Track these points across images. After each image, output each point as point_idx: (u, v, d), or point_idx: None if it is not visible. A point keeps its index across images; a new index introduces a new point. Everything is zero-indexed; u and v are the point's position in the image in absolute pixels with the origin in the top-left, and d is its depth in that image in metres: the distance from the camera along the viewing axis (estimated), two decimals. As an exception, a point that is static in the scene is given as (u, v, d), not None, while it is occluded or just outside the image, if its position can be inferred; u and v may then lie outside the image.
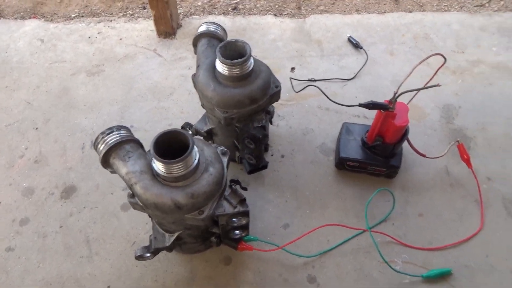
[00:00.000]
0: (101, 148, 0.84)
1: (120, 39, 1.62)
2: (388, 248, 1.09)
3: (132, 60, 1.54)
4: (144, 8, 1.78)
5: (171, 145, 0.83)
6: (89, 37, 1.63)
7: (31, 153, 1.28)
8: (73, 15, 1.76)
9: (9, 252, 1.09)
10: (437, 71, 1.03)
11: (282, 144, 1.30)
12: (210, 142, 1.20)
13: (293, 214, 1.15)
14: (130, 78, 1.48)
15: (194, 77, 1.04)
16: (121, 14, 1.76)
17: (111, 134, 0.85)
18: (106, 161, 0.85)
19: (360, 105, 1.06)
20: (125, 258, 1.08)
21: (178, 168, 0.79)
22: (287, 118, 1.36)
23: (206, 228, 0.97)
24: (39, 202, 1.18)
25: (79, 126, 1.35)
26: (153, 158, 0.79)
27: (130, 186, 0.83)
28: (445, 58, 0.99)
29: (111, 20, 1.70)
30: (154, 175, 0.83)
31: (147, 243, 0.97)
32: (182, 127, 1.16)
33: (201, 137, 1.17)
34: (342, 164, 1.21)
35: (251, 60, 0.98)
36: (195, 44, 1.10)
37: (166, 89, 1.45)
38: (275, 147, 1.29)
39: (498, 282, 1.03)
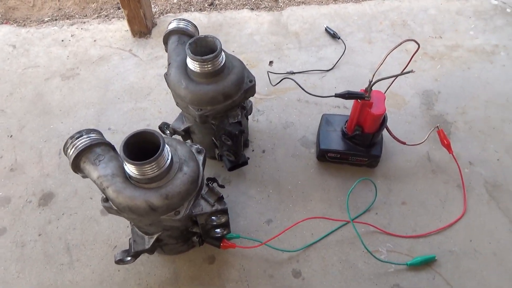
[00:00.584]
0: (71, 152, 0.82)
1: (94, 40, 1.59)
2: (373, 238, 1.09)
3: (107, 61, 1.51)
4: (119, 8, 1.74)
5: (144, 146, 0.81)
6: (62, 40, 1.59)
7: (6, 162, 1.25)
8: (46, 19, 1.72)
9: (-13, 264, 1.06)
10: (412, 57, 1.02)
11: (263, 139, 1.29)
12: (187, 141, 1.19)
13: (276, 209, 1.14)
14: (106, 80, 1.45)
15: (166, 75, 1.02)
16: (96, 15, 1.72)
17: (80, 138, 0.83)
18: (76, 166, 0.83)
19: (336, 95, 1.05)
20: (106, 263, 1.06)
21: (150, 169, 0.78)
22: (267, 113, 1.35)
23: (186, 228, 0.96)
24: (16, 211, 1.15)
25: (55, 131, 1.32)
26: (124, 160, 0.77)
27: (103, 190, 0.81)
28: (418, 44, 0.98)
29: (84, 22, 1.66)
30: (127, 177, 0.81)
31: (128, 247, 0.96)
32: (160, 127, 1.14)
33: (179, 137, 1.15)
34: (323, 156, 1.20)
35: (223, 55, 0.96)
36: (165, 42, 1.08)
37: (143, 89, 1.43)
38: (256, 142, 1.28)
39: (482, 266, 1.04)
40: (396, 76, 1.03)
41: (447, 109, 1.36)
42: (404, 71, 1.01)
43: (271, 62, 1.50)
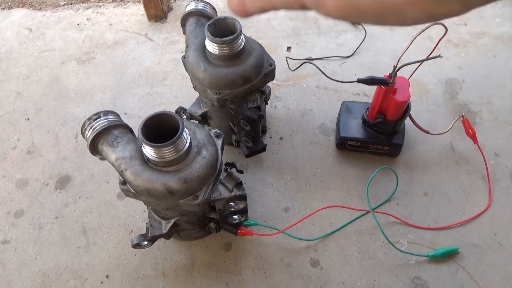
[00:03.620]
0: (88, 134, 0.81)
1: (110, 24, 1.57)
2: (393, 229, 1.06)
3: (123, 45, 1.50)
4: (135, -8, 1.72)
5: (162, 129, 0.80)
6: (78, 24, 1.58)
7: (23, 144, 1.25)
8: (61, 3, 1.71)
9: (5, 244, 1.07)
10: (438, 42, 0.98)
11: (280, 125, 1.26)
12: (205, 126, 1.17)
13: (293, 197, 1.12)
14: (122, 64, 1.44)
15: (184, 58, 1.00)
16: (111, -1, 1.71)
17: (98, 120, 0.81)
18: (94, 148, 0.82)
19: (359, 80, 1.01)
20: (123, 246, 1.06)
21: (169, 152, 0.76)
22: (285, 99, 1.32)
23: (203, 214, 0.94)
24: (33, 193, 1.15)
25: (71, 115, 1.31)
26: (142, 143, 0.75)
27: (121, 173, 0.80)
28: (446, 28, 0.93)
29: (99, 6, 1.65)
30: (145, 160, 0.80)
31: (145, 231, 0.95)
32: (176, 112, 1.12)
33: (196, 121, 1.13)
34: (343, 144, 1.17)
35: (242, 37, 0.93)
36: (183, 23, 1.05)
37: (159, 74, 1.41)
38: (273, 129, 1.26)
39: (507, 260, 1.00)
40: (422, 61, 0.99)
41: (471, 98, 1.31)
42: (430, 56, 0.97)
43: (289, 48, 1.46)
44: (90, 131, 0.81)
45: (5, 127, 1.30)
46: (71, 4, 1.70)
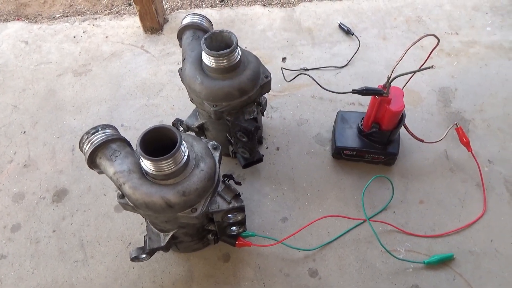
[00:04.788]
0: (87, 148, 0.81)
1: (106, 37, 1.58)
2: (390, 237, 1.07)
3: (119, 57, 1.50)
4: (130, 4, 1.74)
5: (160, 142, 0.80)
6: (74, 37, 1.59)
7: (20, 158, 1.25)
8: (57, 15, 1.72)
9: (2, 259, 1.06)
10: (431, 53, 1.00)
11: (277, 136, 1.27)
12: (202, 137, 1.17)
13: (291, 207, 1.13)
14: (118, 76, 1.45)
15: (180, 71, 1.01)
16: (107, 12, 1.72)
17: (96, 134, 0.82)
18: (92, 162, 0.82)
19: (354, 91, 1.03)
20: (121, 260, 1.05)
21: (167, 165, 0.76)
22: (281, 110, 1.33)
23: (201, 226, 0.94)
24: (30, 207, 1.15)
25: (68, 127, 1.31)
26: (141, 156, 0.76)
27: (119, 187, 0.80)
28: (438, 39, 0.95)
29: (96, 18, 1.66)
30: (143, 174, 0.80)
31: (143, 244, 0.95)
32: (173, 124, 1.13)
33: (193, 133, 1.14)
34: (339, 154, 1.18)
35: (238, 50, 0.94)
36: (180, 37, 1.06)
37: (155, 85, 1.42)
38: (270, 139, 1.26)
39: (504, 267, 1.01)
40: (415, 72, 1.01)
41: (464, 107, 1.33)
42: (423, 66, 0.98)
43: (284, 59, 1.48)
44: (88, 145, 0.81)
45: (1, 140, 1.29)
46: (67, 16, 1.71)
